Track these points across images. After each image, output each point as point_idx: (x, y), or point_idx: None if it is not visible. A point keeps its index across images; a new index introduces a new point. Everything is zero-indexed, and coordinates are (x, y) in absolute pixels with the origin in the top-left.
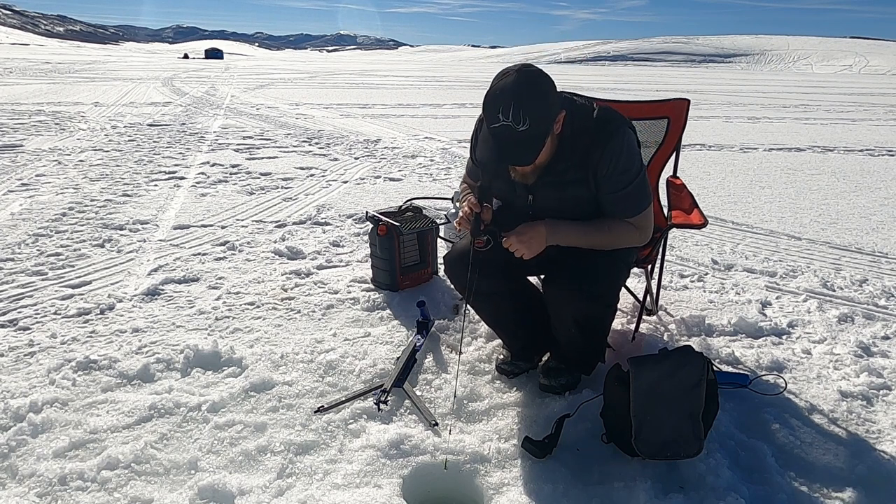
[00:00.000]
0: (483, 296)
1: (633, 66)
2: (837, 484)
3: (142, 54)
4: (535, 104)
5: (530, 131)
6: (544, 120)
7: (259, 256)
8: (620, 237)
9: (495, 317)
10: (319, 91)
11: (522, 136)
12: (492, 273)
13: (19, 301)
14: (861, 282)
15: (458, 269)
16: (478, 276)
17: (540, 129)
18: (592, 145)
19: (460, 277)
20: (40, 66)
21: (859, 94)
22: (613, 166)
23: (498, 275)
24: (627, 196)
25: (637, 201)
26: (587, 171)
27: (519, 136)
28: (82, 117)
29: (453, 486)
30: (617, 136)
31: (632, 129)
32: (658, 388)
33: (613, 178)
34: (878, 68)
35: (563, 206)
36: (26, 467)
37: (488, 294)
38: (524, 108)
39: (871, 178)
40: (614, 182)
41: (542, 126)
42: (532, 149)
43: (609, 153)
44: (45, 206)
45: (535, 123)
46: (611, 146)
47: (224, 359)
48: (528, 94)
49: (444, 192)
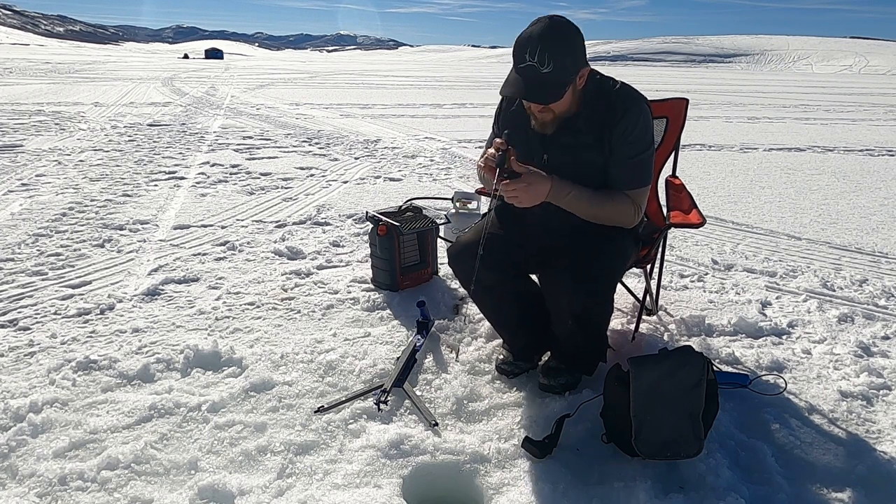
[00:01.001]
0: (487, 289)
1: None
2: (837, 484)
3: (142, 54)
4: (561, 50)
5: (553, 74)
6: (567, 66)
7: (259, 256)
8: (617, 210)
9: (497, 313)
10: (319, 91)
11: (545, 77)
12: (496, 266)
13: (19, 301)
14: (861, 282)
15: (462, 261)
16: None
17: (562, 74)
18: (611, 110)
19: (464, 269)
20: (40, 66)
21: (859, 94)
22: (628, 133)
23: (502, 268)
24: (634, 166)
25: (641, 173)
26: (602, 135)
27: (542, 77)
28: (82, 117)
29: (453, 486)
30: (636, 108)
31: (649, 108)
32: (658, 388)
33: (626, 145)
34: (878, 68)
35: (575, 170)
36: (26, 467)
37: (492, 287)
38: (549, 52)
39: (871, 178)
40: (626, 149)
41: (565, 71)
42: (553, 90)
43: (626, 121)
44: (45, 206)
45: (558, 67)
46: (629, 115)
47: (224, 359)
48: (554, 41)
49: (444, 192)
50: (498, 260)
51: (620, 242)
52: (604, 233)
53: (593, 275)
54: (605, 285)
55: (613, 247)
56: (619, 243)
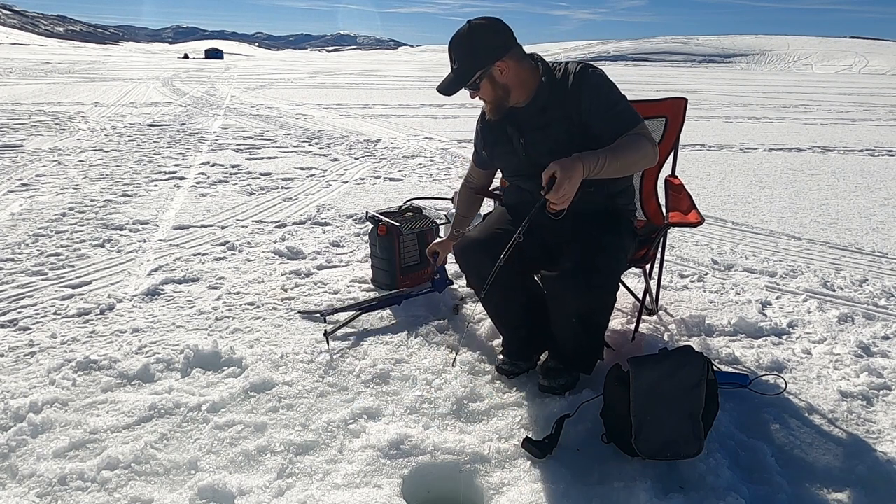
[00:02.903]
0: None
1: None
2: (837, 484)
3: (142, 54)
4: (466, 48)
5: (461, 67)
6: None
7: (259, 256)
8: (638, 147)
9: (501, 310)
10: (319, 91)
11: (457, 70)
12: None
13: (19, 301)
14: (861, 282)
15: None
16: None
17: (469, 66)
18: (568, 86)
19: (470, 264)
20: (40, 66)
21: (859, 94)
22: (596, 95)
23: (509, 266)
24: (620, 112)
25: (630, 115)
26: (569, 109)
27: (453, 73)
28: (82, 117)
29: (453, 486)
30: (592, 72)
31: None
32: (658, 388)
33: (600, 105)
34: (878, 68)
35: (550, 145)
36: (26, 467)
37: (497, 284)
38: (455, 50)
39: (871, 178)
40: (601, 108)
41: (470, 63)
42: (461, 79)
43: (588, 87)
44: (45, 206)
45: (464, 61)
46: (588, 81)
47: (224, 359)
48: (460, 42)
49: (444, 192)
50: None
51: (621, 236)
52: (605, 226)
53: (598, 272)
54: (610, 281)
55: (615, 241)
56: (620, 237)
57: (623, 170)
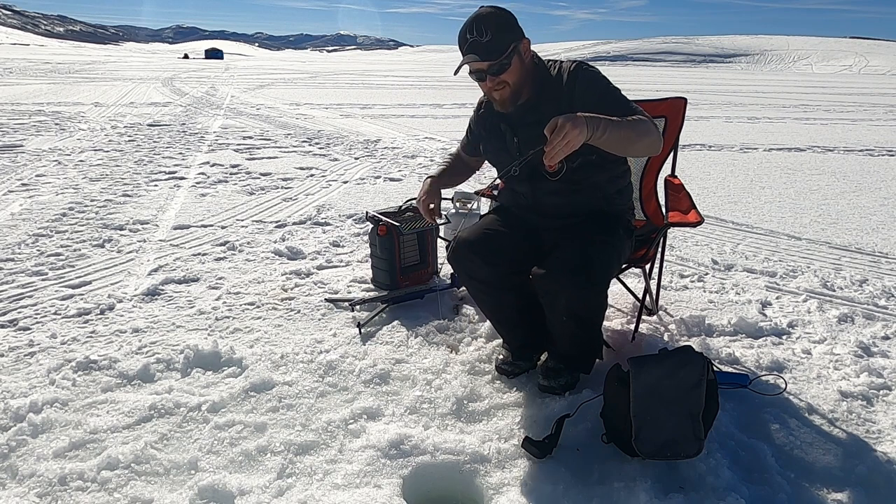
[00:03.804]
0: (486, 286)
1: (633, 66)
2: (837, 484)
3: (142, 54)
4: (495, 21)
5: (493, 41)
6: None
7: (259, 256)
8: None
9: (496, 310)
10: (319, 91)
11: (488, 44)
12: (496, 263)
13: (19, 301)
14: (861, 282)
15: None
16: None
17: (501, 39)
18: (562, 84)
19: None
20: (40, 66)
21: (859, 94)
22: (590, 87)
23: (502, 265)
24: (616, 100)
25: (628, 103)
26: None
27: (486, 45)
28: (82, 117)
29: (453, 486)
30: (586, 69)
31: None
32: (658, 388)
33: (595, 94)
34: (878, 68)
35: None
36: (26, 467)
37: (491, 284)
38: (485, 25)
39: (871, 178)
40: (596, 96)
41: (503, 36)
42: (495, 50)
43: (582, 82)
44: (45, 206)
45: (496, 34)
46: (582, 76)
47: (224, 359)
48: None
49: (444, 192)
50: (497, 257)
51: (614, 235)
52: (598, 225)
53: (587, 268)
54: (600, 278)
55: (607, 239)
56: (612, 235)
57: (625, 144)
